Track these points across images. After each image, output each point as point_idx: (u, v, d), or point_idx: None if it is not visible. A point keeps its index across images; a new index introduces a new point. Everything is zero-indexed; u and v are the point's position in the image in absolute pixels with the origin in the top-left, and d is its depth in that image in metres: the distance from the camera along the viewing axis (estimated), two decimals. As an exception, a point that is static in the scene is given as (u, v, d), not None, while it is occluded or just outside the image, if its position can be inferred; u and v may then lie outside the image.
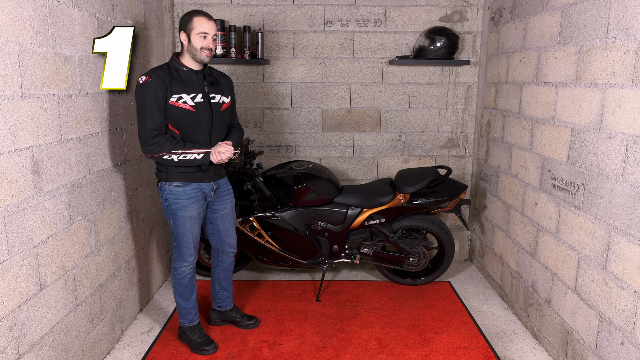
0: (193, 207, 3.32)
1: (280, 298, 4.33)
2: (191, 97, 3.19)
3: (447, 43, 4.68)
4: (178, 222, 3.32)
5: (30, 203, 2.55)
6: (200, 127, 3.25)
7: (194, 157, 3.16)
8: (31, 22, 2.53)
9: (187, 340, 3.57)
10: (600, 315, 2.92)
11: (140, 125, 3.13)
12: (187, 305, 3.54)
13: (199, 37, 3.13)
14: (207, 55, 3.17)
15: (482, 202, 4.88)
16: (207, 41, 3.15)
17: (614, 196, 2.76)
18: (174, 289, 3.53)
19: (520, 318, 3.99)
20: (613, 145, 2.76)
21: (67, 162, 2.89)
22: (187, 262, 3.44)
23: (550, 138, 3.48)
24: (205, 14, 3.18)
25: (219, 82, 3.40)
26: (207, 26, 3.14)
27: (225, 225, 3.58)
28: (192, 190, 3.30)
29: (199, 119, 3.23)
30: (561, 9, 3.33)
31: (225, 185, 3.56)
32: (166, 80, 3.13)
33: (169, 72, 3.19)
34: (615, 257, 2.76)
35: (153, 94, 3.09)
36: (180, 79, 3.19)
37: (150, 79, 3.10)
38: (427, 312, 4.10)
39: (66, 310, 2.94)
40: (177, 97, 3.15)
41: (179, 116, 3.18)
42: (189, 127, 3.22)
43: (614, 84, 2.74)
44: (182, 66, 3.22)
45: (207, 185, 3.37)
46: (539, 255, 3.68)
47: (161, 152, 3.10)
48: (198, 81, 3.25)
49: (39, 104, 2.60)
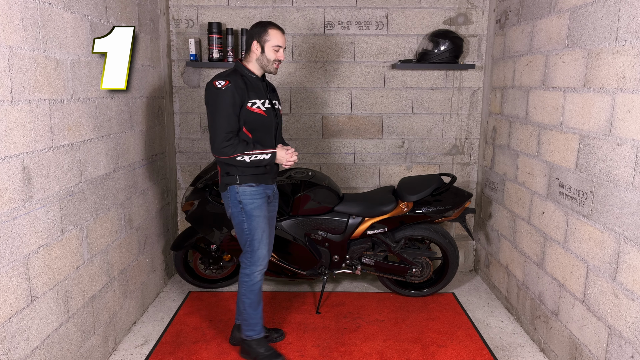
0: (265, 207, 3.50)
1: (279, 310, 4.32)
2: (262, 102, 3.41)
3: (452, 47, 4.69)
4: (254, 222, 3.45)
5: (20, 212, 2.55)
6: (269, 131, 3.49)
7: (263, 157, 3.36)
8: (21, 24, 2.53)
9: (254, 354, 3.56)
10: (609, 328, 2.91)
11: (215, 128, 3.30)
12: (256, 315, 3.58)
13: (273, 49, 3.36)
14: (277, 67, 3.44)
15: (488, 211, 4.88)
16: (280, 54, 3.39)
17: (623, 205, 2.75)
18: (244, 298, 3.54)
19: (527, 331, 3.98)
20: (623, 152, 2.75)
21: (59, 170, 2.89)
22: (261, 265, 3.52)
23: (557, 145, 3.48)
24: (278, 27, 3.40)
25: (273, 90, 3.66)
26: (282, 39, 3.38)
27: (273, 229, 3.67)
28: (262, 190, 3.48)
29: (269, 123, 3.46)
30: (569, 11, 3.34)
31: (276, 190, 3.73)
32: (243, 87, 3.33)
33: (242, 78, 3.38)
34: (625, 267, 2.76)
35: (231, 99, 3.27)
36: (252, 85, 3.40)
37: (229, 84, 3.28)
38: (431, 324, 4.09)
39: (58, 322, 2.93)
40: (252, 103, 3.35)
41: (253, 120, 3.37)
42: (261, 130, 3.43)
43: (624, 89, 2.75)
44: (251, 73, 3.43)
45: (270, 187, 3.56)
46: (546, 265, 3.67)
47: (235, 153, 3.29)
48: (262, 88, 3.47)
49: (30, 109, 2.61)
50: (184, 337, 3.87)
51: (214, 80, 3.31)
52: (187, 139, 5.05)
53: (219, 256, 4.60)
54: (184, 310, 4.32)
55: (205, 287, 4.72)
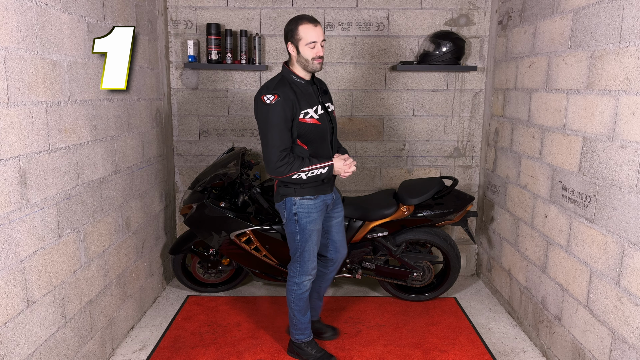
0: (320, 220, 3.46)
1: (278, 314, 4.32)
2: (314, 110, 3.27)
3: (453, 48, 4.69)
4: (306, 235, 3.41)
5: (16, 215, 2.55)
6: (325, 139, 3.36)
7: (320, 172, 3.25)
8: (18, 26, 2.53)
9: (306, 355, 3.63)
10: (613, 333, 2.91)
11: (268, 147, 3.17)
12: (304, 320, 3.62)
13: (308, 47, 3.15)
14: (319, 63, 3.21)
15: (490, 215, 4.88)
16: (317, 49, 3.18)
17: (627, 208, 2.75)
18: (293, 305, 3.57)
19: (530, 335, 3.98)
20: (626, 154, 2.76)
21: (56, 173, 2.89)
22: (310, 275, 3.54)
23: (560, 147, 3.49)
24: (309, 19, 3.17)
25: (324, 90, 3.48)
26: (315, 34, 3.14)
27: (339, 234, 3.67)
28: (320, 202, 3.41)
29: (323, 130, 3.32)
30: (572, 12, 3.34)
31: (337, 193, 3.68)
32: (292, 98, 3.17)
33: (291, 87, 3.22)
34: (629, 272, 2.75)
35: (282, 114, 3.12)
36: (302, 93, 3.25)
37: (278, 99, 3.12)
38: (432, 329, 4.09)
39: (54, 327, 2.93)
40: (304, 113, 3.22)
41: (307, 131, 3.25)
42: (316, 140, 3.31)
43: (628, 91, 2.75)
44: (299, 79, 3.28)
45: (329, 196, 3.49)
46: (549, 269, 3.67)
47: (291, 172, 3.18)
48: (314, 92, 3.34)
49: (26, 111, 2.61)
50: (182, 342, 3.86)
51: (262, 95, 3.15)
52: (185, 141, 5.06)
53: (217, 260, 4.60)
54: (182, 314, 4.31)
55: (204, 292, 4.72)
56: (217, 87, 4.97)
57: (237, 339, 3.92)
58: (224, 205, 4.24)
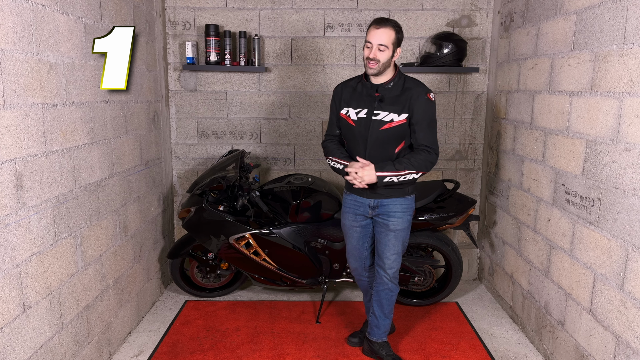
0: (348, 216, 3.60)
1: (278, 319, 4.31)
2: (356, 111, 3.37)
3: (455, 49, 4.69)
4: (344, 229, 3.69)
5: (13, 219, 2.55)
6: (357, 142, 3.39)
7: (339, 166, 3.45)
8: (14, 27, 2.54)
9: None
10: (617, 338, 2.91)
11: None
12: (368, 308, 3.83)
13: (365, 47, 3.23)
14: (370, 66, 3.22)
15: (492, 218, 4.88)
16: (369, 51, 3.20)
17: (631, 212, 2.75)
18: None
19: (533, 341, 3.97)
20: (631, 157, 2.76)
21: (52, 176, 2.89)
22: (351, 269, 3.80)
23: (564, 150, 3.49)
24: (374, 21, 3.22)
25: (397, 98, 3.30)
26: (371, 35, 3.19)
27: (380, 244, 3.53)
28: (351, 200, 3.55)
29: (356, 134, 3.38)
30: (575, 13, 3.35)
31: (395, 206, 3.43)
32: (343, 92, 3.46)
33: (353, 84, 3.45)
34: (633, 276, 2.75)
35: (332, 105, 3.54)
36: (356, 93, 3.41)
37: (336, 88, 3.53)
38: (434, 334, 4.09)
39: (51, 332, 2.93)
40: (346, 110, 3.42)
41: (343, 127, 3.48)
42: (351, 140, 3.44)
43: (632, 93, 2.75)
44: (364, 79, 3.38)
45: (365, 200, 3.47)
46: (552, 274, 3.67)
47: (326, 155, 3.56)
48: (369, 96, 3.35)
49: (22, 113, 2.61)
50: (180, 348, 3.86)
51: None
52: (183, 144, 5.06)
53: (216, 264, 4.60)
54: (180, 319, 4.31)
55: (203, 296, 4.72)
56: (215, 89, 4.98)
57: (236, 344, 3.92)
58: (222, 209, 4.25)
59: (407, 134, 3.33)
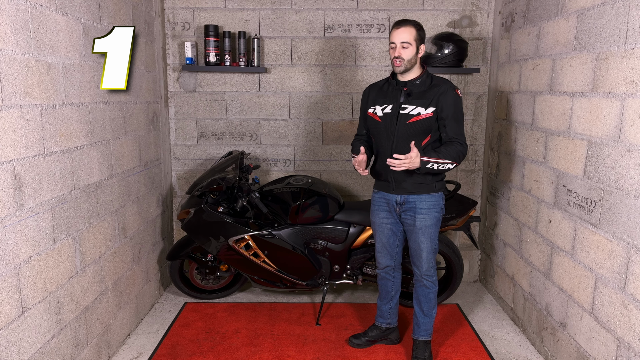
0: (377, 214, 3.70)
1: (277, 321, 4.31)
2: (382, 107, 3.51)
3: (456, 50, 4.69)
4: (374, 227, 3.78)
5: (11, 220, 2.55)
6: (383, 137, 3.52)
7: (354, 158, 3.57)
8: (12, 27, 2.54)
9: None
10: (618, 340, 2.90)
11: None
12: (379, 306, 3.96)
13: (390, 48, 3.40)
14: (396, 65, 3.38)
15: (493, 220, 4.87)
16: (393, 51, 3.37)
17: (633, 213, 2.75)
18: None
19: (534, 343, 3.97)
20: (632, 158, 2.76)
21: (51, 177, 2.89)
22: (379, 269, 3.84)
23: (565, 151, 3.49)
24: (397, 23, 3.39)
25: (424, 93, 3.42)
26: (393, 35, 3.35)
27: (412, 242, 3.60)
28: (379, 198, 3.67)
29: (382, 129, 3.51)
30: (577, 14, 3.35)
31: (421, 203, 3.50)
32: (370, 93, 3.64)
33: (382, 83, 3.63)
34: (635, 278, 2.75)
35: (361, 105, 3.74)
36: (383, 91, 3.57)
37: (365, 89, 3.72)
38: (435, 336, 4.07)
39: (49, 334, 2.92)
40: (373, 108, 3.57)
41: (370, 125, 3.62)
42: (377, 136, 3.58)
43: (634, 94, 2.75)
44: (392, 79, 3.54)
45: (391, 197, 3.58)
46: (553, 276, 3.67)
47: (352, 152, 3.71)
48: (394, 92, 3.50)
49: (21, 114, 2.61)
50: (179, 350, 3.86)
51: None
52: (183, 145, 5.06)
53: (215, 266, 4.59)
54: (179, 321, 4.31)
55: (202, 298, 4.71)
56: (215, 89, 4.98)
57: (236, 346, 3.92)
58: (222, 210, 4.24)
59: (433, 128, 3.42)
